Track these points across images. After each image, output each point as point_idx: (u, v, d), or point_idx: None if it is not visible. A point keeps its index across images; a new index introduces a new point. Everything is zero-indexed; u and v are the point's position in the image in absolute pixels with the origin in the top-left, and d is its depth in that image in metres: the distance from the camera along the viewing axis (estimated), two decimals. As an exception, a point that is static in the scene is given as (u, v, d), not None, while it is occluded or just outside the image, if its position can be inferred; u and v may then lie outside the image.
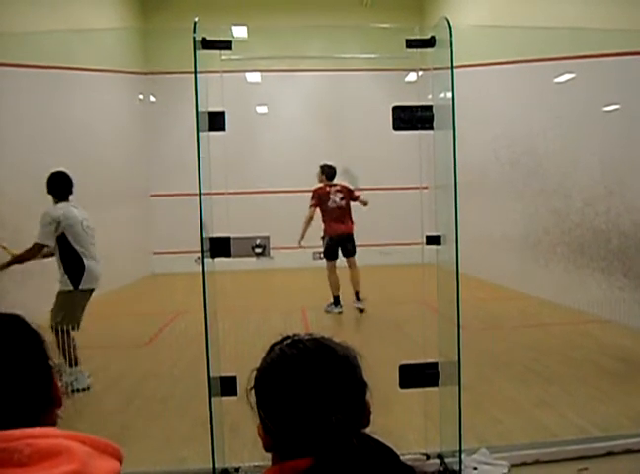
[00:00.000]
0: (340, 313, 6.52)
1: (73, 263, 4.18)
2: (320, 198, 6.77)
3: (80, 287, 4.15)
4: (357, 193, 6.95)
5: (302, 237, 6.74)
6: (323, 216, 6.81)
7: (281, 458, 0.93)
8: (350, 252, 6.83)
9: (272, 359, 0.99)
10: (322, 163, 7.02)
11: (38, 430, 0.78)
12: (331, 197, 6.79)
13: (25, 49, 6.65)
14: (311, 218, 6.80)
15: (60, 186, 4.23)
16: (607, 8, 6.21)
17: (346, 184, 6.94)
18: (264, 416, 0.97)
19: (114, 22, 10.34)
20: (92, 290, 4.35)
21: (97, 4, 9.55)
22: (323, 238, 6.78)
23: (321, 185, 6.88)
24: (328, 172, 6.92)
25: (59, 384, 0.92)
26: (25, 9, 6.90)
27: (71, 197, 4.32)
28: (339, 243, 6.75)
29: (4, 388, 0.82)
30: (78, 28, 8.28)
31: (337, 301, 6.65)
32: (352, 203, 6.92)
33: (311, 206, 6.77)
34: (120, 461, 0.83)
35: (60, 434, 0.78)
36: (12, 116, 6.69)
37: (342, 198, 6.82)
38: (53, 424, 0.89)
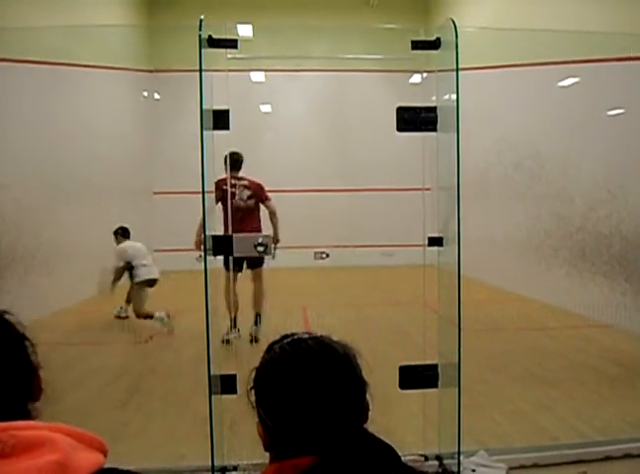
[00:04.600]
0: (237, 338, 5.35)
1: None
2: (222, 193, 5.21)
3: None
4: (268, 195, 5.82)
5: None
6: (224, 216, 4.99)
7: (281, 457, 0.92)
8: (254, 263, 5.63)
9: (272, 358, 0.99)
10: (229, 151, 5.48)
11: (22, 422, 0.80)
12: (236, 192, 5.59)
13: (28, 45, 6.65)
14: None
15: None
16: (613, 11, 6.20)
17: (258, 181, 5.84)
18: (264, 415, 0.97)
19: (119, 19, 10.35)
20: None
21: (102, 0, 9.57)
22: None
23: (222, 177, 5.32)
24: (232, 161, 5.34)
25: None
26: (29, 5, 6.92)
27: None
28: None
29: None
30: (83, 24, 8.29)
31: (234, 324, 5.45)
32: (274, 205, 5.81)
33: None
34: (105, 454, 0.84)
35: (44, 426, 0.79)
36: (16, 112, 6.70)
37: (250, 197, 5.67)
38: (34, 417, 0.91)
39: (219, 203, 4.61)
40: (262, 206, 5.74)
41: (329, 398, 0.92)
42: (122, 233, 6.61)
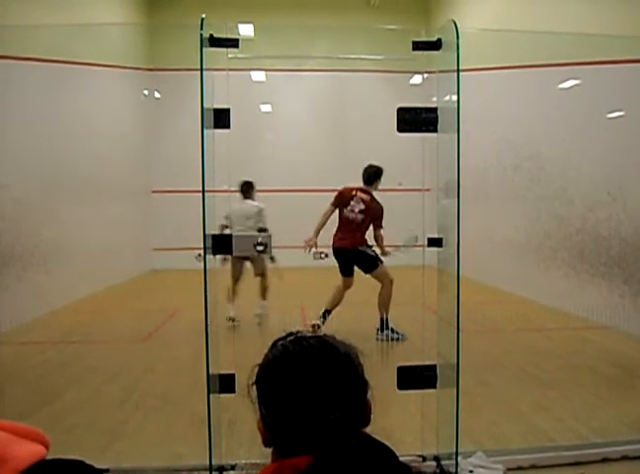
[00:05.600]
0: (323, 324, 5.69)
1: None
2: (341, 201, 5.81)
3: None
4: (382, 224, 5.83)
5: (315, 234, 5.73)
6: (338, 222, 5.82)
7: (281, 454, 0.93)
8: (366, 267, 5.80)
9: (274, 356, 1.00)
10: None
11: None
12: (352, 203, 5.78)
13: (29, 43, 6.65)
14: (326, 216, 5.84)
15: None
16: (614, 13, 6.21)
17: (381, 204, 5.83)
18: (264, 411, 0.97)
19: (120, 17, 10.35)
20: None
21: (104, -1, 9.58)
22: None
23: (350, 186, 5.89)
24: (365, 173, 5.89)
25: None
26: (30, 3, 6.91)
27: None
28: (342, 259, 5.82)
29: None
30: (83, 22, 8.29)
31: (325, 315, 5.79)
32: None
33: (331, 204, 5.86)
34: (47, 446, 0.82)
35: None
36: (16, 110, 6.69)
37: (361, 211, 5.75)
38: None
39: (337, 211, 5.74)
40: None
41: (328, 397, 0.92)
42: (241, 191, 6.05)
